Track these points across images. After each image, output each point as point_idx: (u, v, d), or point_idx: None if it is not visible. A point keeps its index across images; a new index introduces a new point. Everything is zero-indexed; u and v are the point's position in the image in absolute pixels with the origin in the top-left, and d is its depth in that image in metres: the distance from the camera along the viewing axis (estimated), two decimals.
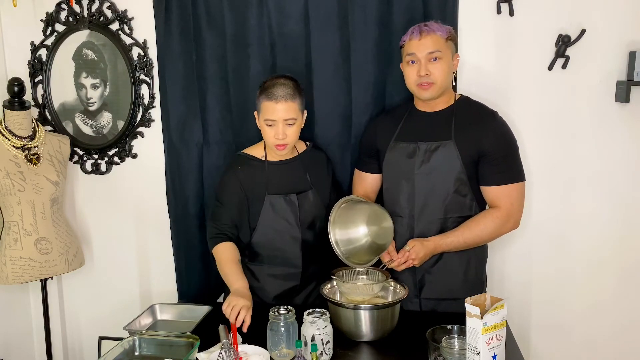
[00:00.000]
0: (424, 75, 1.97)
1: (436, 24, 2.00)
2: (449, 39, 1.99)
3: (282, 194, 2.09)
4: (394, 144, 2.10)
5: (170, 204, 2.52)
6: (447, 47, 1.98)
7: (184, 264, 2.55)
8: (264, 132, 2.05)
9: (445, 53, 1.97)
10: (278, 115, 1.99)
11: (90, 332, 2.79)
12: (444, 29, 1.99)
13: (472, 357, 1.58)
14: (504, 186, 1.99)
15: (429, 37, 1.96)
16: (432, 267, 2.07)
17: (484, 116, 2.04)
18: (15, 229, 2.37)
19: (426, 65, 1.97)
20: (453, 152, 1.99)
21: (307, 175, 2.15)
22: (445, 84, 2.00)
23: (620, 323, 2.39)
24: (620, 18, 2.19)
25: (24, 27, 2.61)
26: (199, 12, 2.37)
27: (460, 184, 2.01)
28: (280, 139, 2.01)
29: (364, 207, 1.97)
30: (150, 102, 2.55)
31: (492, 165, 1.99)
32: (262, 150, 2.15)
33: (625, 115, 2.26)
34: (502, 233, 2.06)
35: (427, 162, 2.02)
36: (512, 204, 2.01)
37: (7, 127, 2.39)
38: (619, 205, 2.33)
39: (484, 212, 2.05)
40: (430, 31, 1.97)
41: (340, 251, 1.95)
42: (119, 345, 1.75)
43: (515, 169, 2.03)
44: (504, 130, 2.04)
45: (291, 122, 2.01)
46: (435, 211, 2.04)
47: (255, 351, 1.73)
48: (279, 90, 1.99)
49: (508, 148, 2.02)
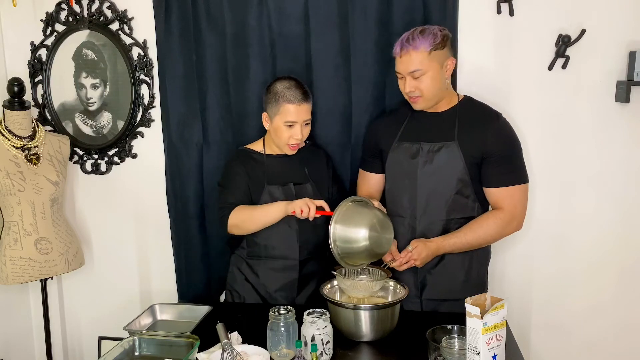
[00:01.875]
0: (410, 91, 1.98)
1: (420, 37, 1.93)
2: (434, 50, 1.93)
3: (280, 184, 2.12)
4: (397, 144, 2.10)
5: (170, 204, 2.52)
6: (431, 59, 1.93)
7: (184, 264, 2.55)
8: (280, 133, 2.08)
9: (429, 66, 1.93)
10: (300, 117, 2.06)
11: (90, 332, 2.79)
12: (427, 41, 1.92)
13: (472, 357, 1.58)
14: (507, 188, 1.99)
15: (408, 56, 1.93)
16: (434, 268, 2.07)
17: (488, 117, 2.03)
18: (15, 229, 2.37)
19: (410, 81, 1.97)
20: (456, 153, 1.99)
21: (305, 169, 2.19)
22: (435, 94, 1.99)
23: (620, 323, 2.39)
24: (620, 18, 2.19)
25: (24, 27, 2.61)
26: (199, 12, 2.37)
27: (462, 185, 2.01)
28: (298, 139, 2.08)
29: (371, 212, 1.95)
30: (150, 102, 2.55)
31: (495, 166, 1.99)
32: (261, 145, 2.20)
33: (625, 115, 2.26)
34: (505, 235, 2.06)
35: (430, 162, 2.02)
36: (515, 206, 2.00)
37: (7, 127, 2.39)
38: (619, 206, 2.32)
39: (487, 213, 2.04)
40: (411, 48, 1.92)
41: (336, 248, 1.92)
42: (119, 345, 1.75)
43: (519, 170, 2.02)
44: (508, 131, 2.03)
45: (307, 122, 2.11)
46: (437, 212, 2.04)
47: (255, 351, 1.73)
48: (298, 93, 2.05)
49: (511, 150, 2.01)
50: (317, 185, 2.19)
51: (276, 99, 2.07)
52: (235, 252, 2.25)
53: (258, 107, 2.37)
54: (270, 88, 2.11)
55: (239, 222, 2.07)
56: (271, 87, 2.11)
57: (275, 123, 2.09)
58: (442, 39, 1.94)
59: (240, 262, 2.22)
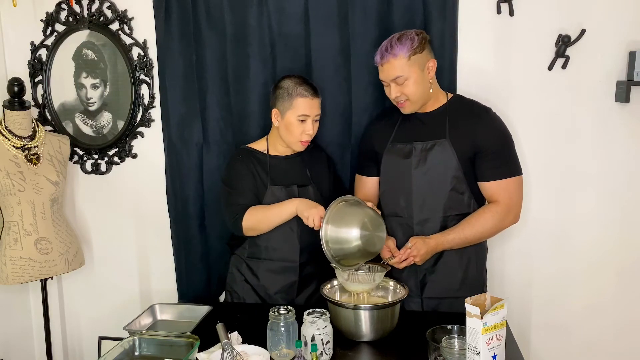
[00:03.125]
0: (396, 97, 2.01)
1: (398, 44, 1.95)
2: (413, 54, 1.95)
3: (283, 186, 2.12)
4: (391, 146, 2.11)
5: (170, 204, 2.52)
6: (411, 64, 1.96)
7: (184, 264, 2.55)
8: (293, 128, 2.08)
9: (410, 71, 1.96)
10: (312, 111, 2.07)
11: (90, 332, 2.79)
12: (405, 47, 1.95)
13: (472, 357, 1.58)
14: (502, 181, 2.01)
15: (389, 64, 1.97)
16: (434, 266, 2.08)
17: (477, 113, 2.05)
18: (15, 229, 2.37)
19: (395, 88, 2.00)
20: (448, 150, 2.01)
21: (307, 170, 2.18)
22: (420, 96, 2.01)
23: (620, 323, 2.39)
24: (620, 18, 2.19)
25: (24, 27, 2.61)
26: (199, 12, 2.37)
27: (457, 181, 2.02)
28: (310, 134, 2.09)
29: (362, 210, 1.94)
30: (150, 102, 2.55)
31: (488, 160, 2.00)
32: (264, 145, 2.19)
33: (625, 115, 2.26)
34: (503, 227, 2.06)
35: (423, 161, 2.03)
36: (511, 198, 2.02)
37: (7, 127, 2.39)
38: (619, 205, 2.33)
39: (484, 207, 2.05)
40: (390, 56, 1.96)
41: (329, 250, 1.91)
42: (119, 345, 1.75)
43: (512, 163, 2.03)
44: (498, 125, 2.05)
45: (317, 117, 2.12)
46: (433, 210, 2.04)
47: (255, 351, 1.73)
48: (310, 88, 2.08)
49: (503, 142, 2.03)
50: (318, 187, 2.19)
51: (289, 94, 2.06)
52: (235, 252, 2.24)
53: (258, 107, 2.38)
54: (280, 84, 2.10)
55: (254, 224, 2.06)
56: (281, 83, 2.10)
57: (288, 118, 2.08)
58: (419, 43, 1.97)
59: (240, 263, 2.22)
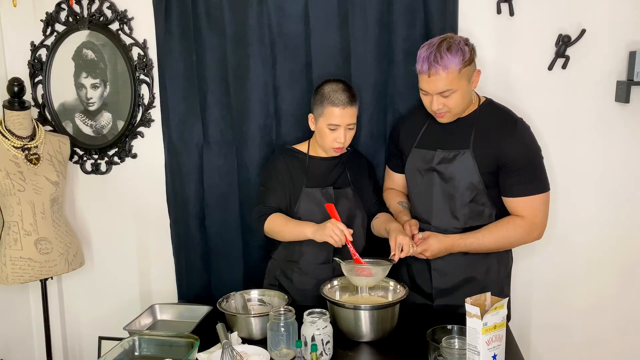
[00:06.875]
0: (438, 109, 1.92)
1: (448, 54, 1.82)
2: (464, 67, 1.84)
3: (319, 187, 2.12)
4: (415, 149, 2.08)
5: (170, 204, 2.53)
6: (461, 77, 1.84)
7: (184, 264, 2.55)
8: (324, 135, 2.08)
9: (459, 84, 1.85)
10: (343, 121, 2.04)
11: (90, 332, 2.79)
12: (457, 59, 1.82)
13: (472, 357, 1.58)
14: (527, 198, 1.92)
15: (437, 77, 1.83)
16: (448, 264, 2.04)
17: (504, 125, 1.96)
18: (15, 229, 2.37)
19: (438, 99, 1.89)
20: (470, 161, 1.95)
21: (348, 173, 2.18)
22: (463, 108, 1.94)
23: (620, 323, 2.39)
24: (620, 18, 2.19)
25: (24, 27, 2.61)
26: (199, 12, 2.37)
27: (477, 193, 1.97)
28: (341, 142, 2.06)
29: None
30: (150, 102, 2.55)
31: (513, 176, 1.92)
32: (307, 146, 2.20)
33: (625, 115, 2.26)
34: (524, 243, 2.01)
35: (444, 170, 1.99)
36: (536, 216, 1.94)
37: (7, 127, 2.39)
38: (619, 205, 2.32)
39: (507, 218, 1.97)
40: (440, 68, 1.82)
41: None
42: (119, 345, 1.75)
43: (538, 179, 1.94)
44: (525, 140, 1.95)
45: (352, 126, 2.07)
46: (452, 220, 2.00)
47: (255, 351, 1.73)
48: (344, 97, 2.03)
49: (530, 158, 1.93)
50: (358, 191, 2.18)
51: (321, 101, 2.05)
52: (272, 257, 2.24)
53: (258, 107, 2.38)
54: (318, 89, 2.09)
55: (271, 231, 2.09)
56: (319, 89, 2.09)
57: (319, 125, 2.08)
58: (470, 54, 1.86)
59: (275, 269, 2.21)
